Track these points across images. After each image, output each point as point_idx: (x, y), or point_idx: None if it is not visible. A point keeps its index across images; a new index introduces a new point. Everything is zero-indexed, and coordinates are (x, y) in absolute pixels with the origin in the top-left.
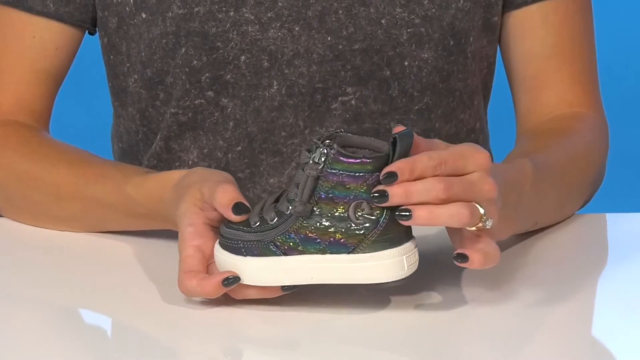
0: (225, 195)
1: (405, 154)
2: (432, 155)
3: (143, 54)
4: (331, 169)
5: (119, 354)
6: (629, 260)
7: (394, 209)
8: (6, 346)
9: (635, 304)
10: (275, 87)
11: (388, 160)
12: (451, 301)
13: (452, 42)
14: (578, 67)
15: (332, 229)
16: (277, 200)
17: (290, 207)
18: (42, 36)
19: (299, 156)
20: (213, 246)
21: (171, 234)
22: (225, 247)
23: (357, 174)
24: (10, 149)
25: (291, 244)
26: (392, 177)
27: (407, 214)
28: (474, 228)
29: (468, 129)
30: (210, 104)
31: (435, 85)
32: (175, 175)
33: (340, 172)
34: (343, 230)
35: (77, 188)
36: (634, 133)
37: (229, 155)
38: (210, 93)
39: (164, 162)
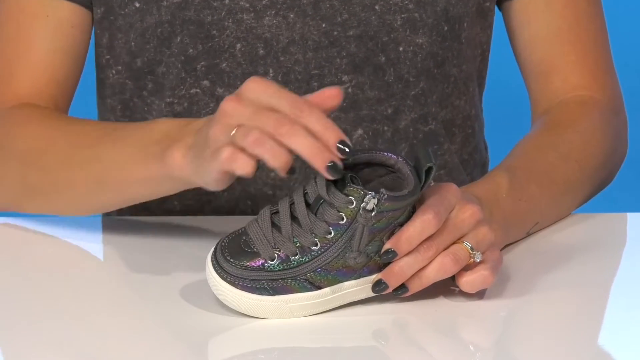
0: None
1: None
2: (425, 228)
3: (133, 43)
4: (381, 211)
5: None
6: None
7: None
8: (7, 348)
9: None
10: (271, 75)
11: (419, 186)
12: (457, 300)
13: (446, 28)
14: (584, 49)
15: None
16: (276, 224)
17: (317, 243)
18: (55, 14)
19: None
20: None
21: (176, 237)
22: (241, 287)
23: (400, 208)
24: (34, 123)
25: (325, 279)
26: (391, 254)
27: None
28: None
29: (464, 115)
30: (206, 94)
31: (430, 70)
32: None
33: (387, 211)
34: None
35: (91, 141)
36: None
37: None
38: (205, 82)
39: None
